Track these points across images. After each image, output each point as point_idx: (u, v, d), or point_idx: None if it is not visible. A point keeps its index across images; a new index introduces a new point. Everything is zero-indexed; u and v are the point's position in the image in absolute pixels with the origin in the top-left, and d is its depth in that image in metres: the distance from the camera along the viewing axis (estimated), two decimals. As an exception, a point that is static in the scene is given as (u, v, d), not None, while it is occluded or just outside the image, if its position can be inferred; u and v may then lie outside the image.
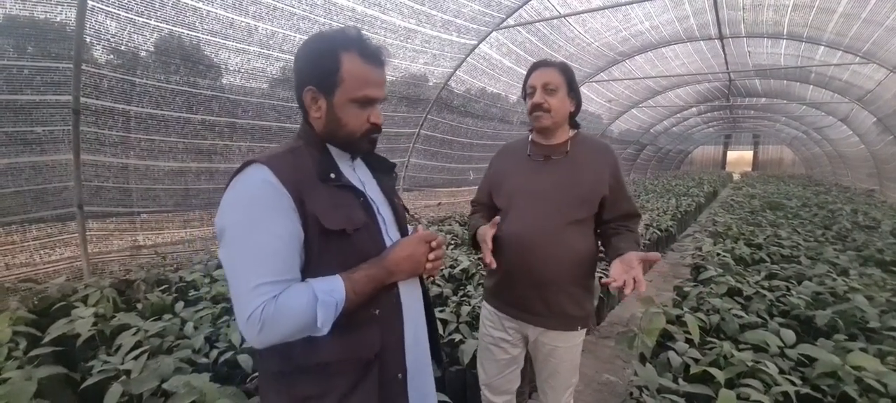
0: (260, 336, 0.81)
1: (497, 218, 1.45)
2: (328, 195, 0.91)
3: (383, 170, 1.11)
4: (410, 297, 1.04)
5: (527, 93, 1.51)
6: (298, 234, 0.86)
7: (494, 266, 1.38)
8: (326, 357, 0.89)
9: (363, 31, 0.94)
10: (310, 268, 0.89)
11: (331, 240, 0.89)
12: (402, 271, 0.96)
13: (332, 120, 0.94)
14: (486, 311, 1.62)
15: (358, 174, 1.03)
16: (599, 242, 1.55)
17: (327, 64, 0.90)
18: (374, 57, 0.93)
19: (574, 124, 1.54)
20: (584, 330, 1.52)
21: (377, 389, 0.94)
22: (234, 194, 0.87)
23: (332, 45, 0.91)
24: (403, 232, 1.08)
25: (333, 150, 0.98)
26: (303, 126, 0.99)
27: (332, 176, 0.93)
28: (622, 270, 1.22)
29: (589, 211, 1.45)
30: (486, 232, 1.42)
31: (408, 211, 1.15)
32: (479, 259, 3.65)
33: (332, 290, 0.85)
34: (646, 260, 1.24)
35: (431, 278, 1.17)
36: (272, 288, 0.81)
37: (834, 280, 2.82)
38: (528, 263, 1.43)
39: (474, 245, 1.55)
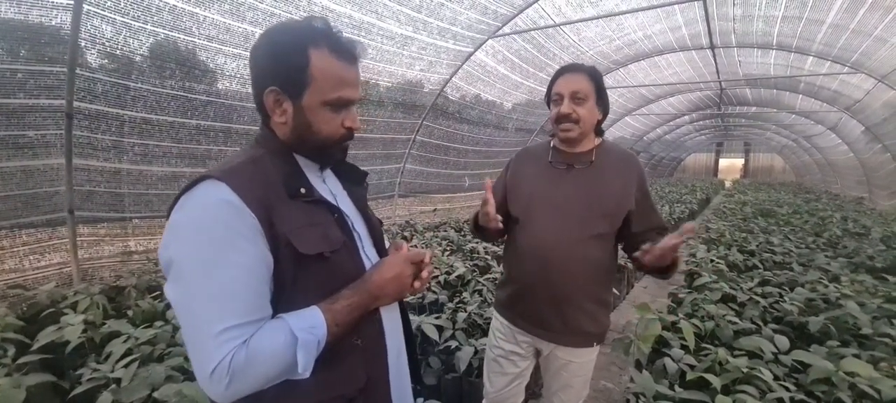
0: (228, 391, 0.66)
1: (488, 180, 1.35)
2: (300, 213, 0.77)
3: (354, 180, 0.98)
4: (391, 320, 0.92)
5: (552, 99, 1.40)
6: (267, 262, 0.72)
7: (496, 220, 1.26)
8: (304, 399, 0.75)
9: (335, 25, 0.80)
10: (282, 299, 0.75)
11: (307, 266, 0.75)
12: (387, 295, 0.84)
13: (300, 125, 0.80)
14: (498, 323, 1.55)
15: (328, 185, 0.90)
16: (627, 255, 1.46)
17: (294, 60, 0.76)
18: (347, 52, 0.79)
19: (599, 131, 1.44)
20: (599, 345, 1.47)
21: None
22: (185, 217, 0.70)
23: (299, 38, 0.76)
24: (380, 248, 0.95)
25: (300, 160, 0.85)
26: (262, 131, 0.84)
27: (303, 190, 0.79)
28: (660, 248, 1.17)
29: (612, 225, 1.36)
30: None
31: (382, 224, 1.04)
32: (475, 265, 3.68)
33: (312, 327, 0.72)
34: (686, 232, 1.14)
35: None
36: (241, 332, 0.67)
37: (826, 286, 2.84)
38: (545, 277, 1.36)
39: (476, 229, 1.50)
